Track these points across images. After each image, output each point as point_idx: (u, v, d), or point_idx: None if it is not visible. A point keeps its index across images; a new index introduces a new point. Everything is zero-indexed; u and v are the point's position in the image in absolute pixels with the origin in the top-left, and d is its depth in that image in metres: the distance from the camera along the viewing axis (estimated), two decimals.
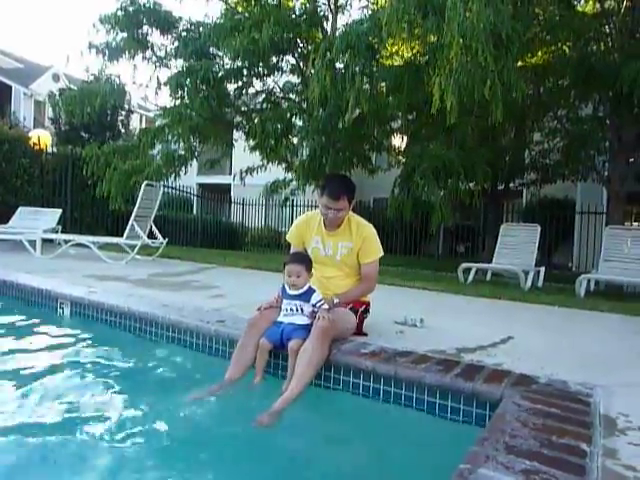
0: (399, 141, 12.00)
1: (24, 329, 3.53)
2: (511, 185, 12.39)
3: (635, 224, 15.28)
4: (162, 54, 10.57)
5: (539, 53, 8.83)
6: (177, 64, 10.40)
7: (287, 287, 2.67)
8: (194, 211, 17.70)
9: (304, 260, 2.72)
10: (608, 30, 8.11)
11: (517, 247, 7.35)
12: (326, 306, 2.61)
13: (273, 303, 2.74)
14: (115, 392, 2.46)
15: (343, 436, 2.16)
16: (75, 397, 2.35)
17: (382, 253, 3.01)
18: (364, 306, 3.00)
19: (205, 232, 14.64)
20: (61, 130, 19.77)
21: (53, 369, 2.73)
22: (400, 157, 11.54)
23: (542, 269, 6.98)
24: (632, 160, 8.42)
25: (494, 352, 2.76)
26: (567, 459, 1.48)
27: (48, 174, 10.65)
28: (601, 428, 1.75)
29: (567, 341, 3.31)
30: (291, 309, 2.63)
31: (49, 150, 11.09)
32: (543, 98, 8.65)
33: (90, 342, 3.28)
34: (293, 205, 13.65)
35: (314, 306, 2.60)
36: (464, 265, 7.00)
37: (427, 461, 1.92)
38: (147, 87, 10.74)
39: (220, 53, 9.94)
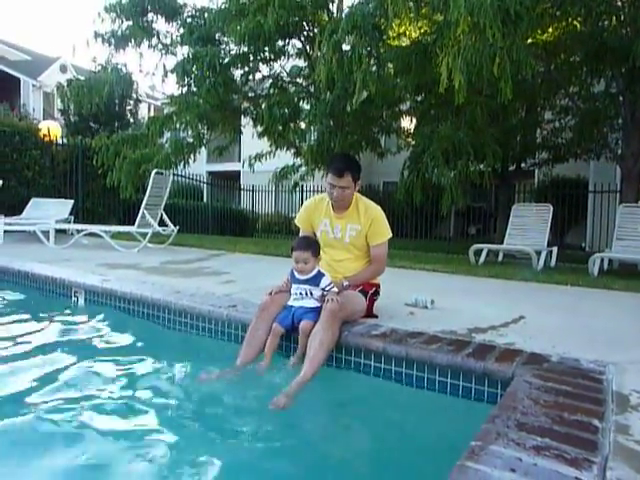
0: (408, 123, 11.89)
1: (39, 317, 3.58)
2: (523, 165, 12.26)
3: None
4: (168, 41, 10.51)
5: (550, 29, 8.65)
6: (183, 51, 10.35)
7: (295, 272, 2.68)
8: (204, 199, 17.75)
9: (310, 246, 2.70)
10: (620, 4, 7.91)
11: (529, 227, 7.29)
12: (335, 289, 2.62)
13: (283, 287, 2.75)
14: (129, 377, 2.50)
15: (356, 417, 2.18)
16: (90, 382, 2.40)
17: (391, 234, 3.00)
18: (374, 288, 3.00)
19: (216, 219, 14.70)
20: (70, 121, 19.83)
21: (68, 356, 2.78)
22: (410, 139, 11.44)
23: (554, 249, 6.93)
24: None
25: (505, 332, 2.76)
26: (579, 435, 1.48)
27: (59, 165, 10.73)
28: (613, 405, 1.74)
29: (579, 320, 3.29)
30: (300, 293, 2.64)
31: (59, 141, 11.16)
32: (554, 75, 8.49)
33: (104, 329, 3.32)
34: (303, 190, 13.63)
35: (323, 290, 2.61)
36: (475, 246, 6.96)
37: (439, 440, 1.93)
38: (154, 75, 10.71)
39: (226, 39, 9.87)
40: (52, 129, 11.14)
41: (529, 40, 7.79)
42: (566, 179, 13.56)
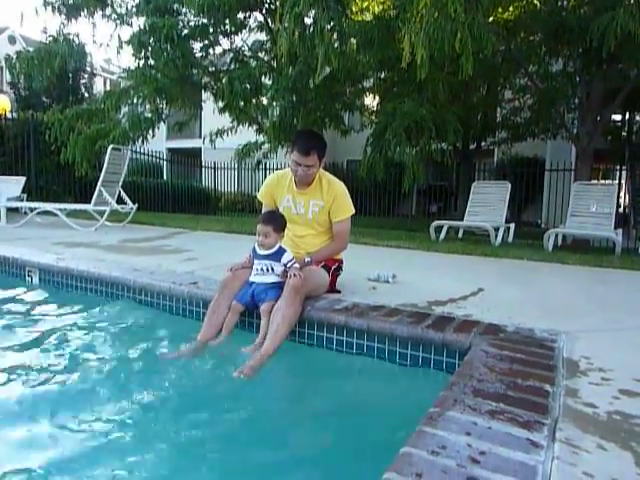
0: (371, 100, 11.87)
1: None
2: (483, 144, 12.49)
3: (602, 181, 15.63)
4: (123, 11, 10.07)
5: (510, 8, 8.74)
6: (139, 22, 9.95)
7: (257, 247, 2.66)
8: (164, 176, 17.32)
9: (272, 220, 2.67)
10: None
11: (488, 204, 7.46)
12: (297, 265, 2.61)
13: (245, 264, 2.73)
14: (88, 356, 2.44)
15: (319, 389, 2.20)
16: (49, 364, 2.33)
17: (353, 211, 3.00)
18: (337, 264, 3.01)
19: (176, 197, 14.38)
20: (21, 95, 18.99)
21: (22, 337, 2.69)
22: (373, 117, 11.43)
23: (512, 225, 7.13)
24: (599, 117, 8.52)
25: (464, 304, 2.83)
26: (531, 399, 1.54)
27: (9, 141, 10.22)
28: (564, 370, 1.82)
29: (535, 292, 3.41)
30: (262, 269, 2.62)
31: (9, 116, 10.63)
32: (514, 54, 8.61)
33: (61, 309, 3.22)
34: (266, 168, 13.47)
35: (285, 266, 2.60)
36: (436, 223, 7.08)
37: (400, 408, 1.97)
38: (108, 47, 10.30)
39: (184, 9, 9.54)
40: (1, 103, 10.60)
41: (490, 18, 7.87)
42: (524, 158, 13.91)
